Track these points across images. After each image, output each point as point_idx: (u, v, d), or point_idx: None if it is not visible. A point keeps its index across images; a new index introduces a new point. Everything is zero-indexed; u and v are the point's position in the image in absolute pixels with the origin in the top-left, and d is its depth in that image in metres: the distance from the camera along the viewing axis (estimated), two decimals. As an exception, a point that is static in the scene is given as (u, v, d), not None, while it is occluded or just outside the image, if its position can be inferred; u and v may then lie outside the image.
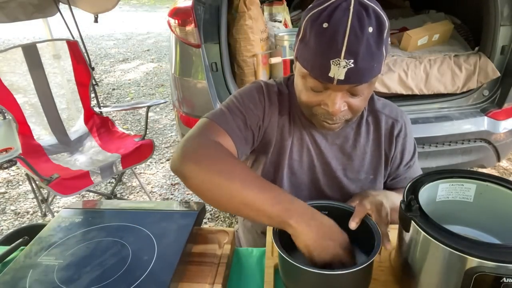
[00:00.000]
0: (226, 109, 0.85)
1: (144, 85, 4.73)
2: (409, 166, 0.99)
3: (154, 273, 0.69)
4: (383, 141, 0.94)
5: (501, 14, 1.95)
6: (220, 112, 0.85)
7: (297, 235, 0.65)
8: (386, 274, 0.75)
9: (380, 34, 0.68)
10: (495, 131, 2.03)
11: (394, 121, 0.94)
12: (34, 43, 2.27)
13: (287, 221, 0.65)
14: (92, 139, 2.39)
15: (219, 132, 0.80)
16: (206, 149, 0.75)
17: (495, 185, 0.70)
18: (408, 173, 1.00)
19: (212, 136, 0.79)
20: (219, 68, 1.99)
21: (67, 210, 0.91)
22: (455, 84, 2.10)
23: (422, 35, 2.29)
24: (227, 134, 0.81)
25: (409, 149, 0.97)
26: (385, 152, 0.95)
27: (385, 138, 0.94)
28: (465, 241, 0.56)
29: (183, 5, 1.99)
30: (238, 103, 0.86)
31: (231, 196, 0.69)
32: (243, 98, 0.87)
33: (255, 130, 0.87)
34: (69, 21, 2.36)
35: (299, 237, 0.65)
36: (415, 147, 1.00)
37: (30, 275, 0.70)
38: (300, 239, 0.65)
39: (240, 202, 0.69)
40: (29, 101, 2.28)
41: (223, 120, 0.83)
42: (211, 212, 2.39)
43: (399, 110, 0.97)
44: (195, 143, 0.77)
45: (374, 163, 0.95)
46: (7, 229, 2.28)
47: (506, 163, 2.78)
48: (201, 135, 0.79)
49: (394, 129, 0.94)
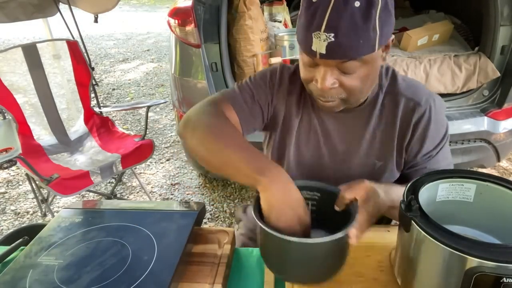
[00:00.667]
0: (237, 87, 0.92)
1: (144, 85, 4.73)
2: (429, 156, 0.89)
3: (154, 273, 0.69)
4: (398, 125, 0.87)
5: (501, 14, 1.95)
6: (231, 89, 0.92)
7: (265, 191, 0.67)
8: (386, 274, 0.75)
9: (368, 9, 0.66)
10: (495, 131, 2.03)
11: (415, 104, 0.85)
12: (34, 43, 2.27)
13: (259, 178, 0.67)
14: (92, 139, 2.39)
15: (225, 104, 0.87)
16: (206, 116, 0.83)
17: (495, 185, 0.70)
18: (429, 164, 0.89)
19: (217, 106, 0.85)
20: (219, 68, 1.99)
21: (67, 210, 0.91)
22: (455, 84, 2.10)
23: (422, 35, 2.29)
24: (231, 107, 0.87)
25: (433, 137, 0.87)
26: (399, 138, 0.88)
27: (401, 123, 0.87)
28: (465, 241, 0.56)
29: (183, 5, 1.99)
30: (249, 81, 0.92)
31: (215, 155, 0.75)
32: (256, 77, 0.93)
33: (263, 106, 0.90)
34: (69, 21, 2.36)
35: (265, 193, 0.67)
36: (444, 136, 0.89)
37: (30, 275, 0.70)
38: (266, 195, 0.67)
39: (222, 160, 0.74)
40: (29, 101, 2.28)
41: (231, 94, 0.89)
42: (211, 212, 2.39)
43: (428, 93, 0.87)
44: (200, 111, 0.84)
45: (384, 149, 0.89)
46: (7, 229, 2.28)
47: (506, 163, 2.78)
48: (207, 105, 0.86)
49: (414, 114, 0.85)
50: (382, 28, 0.69)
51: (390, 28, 0.72)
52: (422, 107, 0.85)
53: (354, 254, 0.79)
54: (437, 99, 0.89)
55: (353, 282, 0.73)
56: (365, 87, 0.78)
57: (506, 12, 1.95)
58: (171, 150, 3.14)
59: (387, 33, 0.71)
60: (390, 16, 0.71)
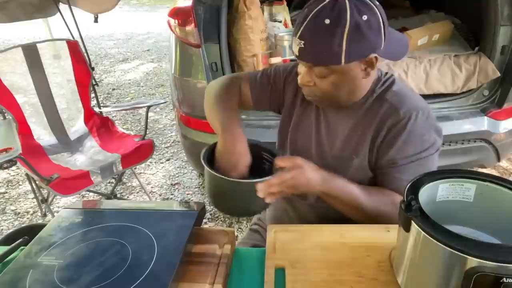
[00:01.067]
0: (261, 71, 1.12)
1: (144, 85, 4.73)
2: (394, 163, 0.91)
3: (154, 273, 0.69)
4: (374, 125, 0.92)
5: (501, 14, 1.95)
6: (256, 71, 1.15)
7: (219, 139, 0.89)
8: (386, 274, 0.75)
9: (334, 27, 0.78)
10: (495, 131, 2.03)
11: (395, 110, 0.90)
12: (34, 43, 2.27)
13: (220, 130, 0.90)
14: (92, 139, 2.39)
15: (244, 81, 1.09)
16: (219, 86, 1.06)
17: (495, 185, 0.70)
18: (392, 171, 0.92)
19: (233, 80, 1.09)
20: (219, 68, 1.99)
21: (67, 210, 0.91)
22: (455, 84, 2.10)
23: (422, 35, 2.29)
24: (248, 84, 1.08)
25: (403, 146, 0.90)
26: (373, 137, 0.93)
27: (378, 123, 0.92)
28: (465, 241, 0.56)
29: (183, 5, 1.99)
30: (273, 69, 1.10)
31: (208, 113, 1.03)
32: (280, 67, 1.11)
33: (275, 91, 1.08)
34: (69, 21, 2.36)
35: (219, 142, 0.89)
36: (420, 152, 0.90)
37: (30, 275, 0.70)
38: (220, 143, 0.89)
39: (209, 116, 1.01)
40: (29, 101, 2.28)
41: (252, 74, 1.11)
42: (211, 212, 2.39)
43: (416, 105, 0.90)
44: (218, 81, 1.10)
45: (358, 144, 0.95)
46: (7, 229, 2.28)
47: (506, 163, 2.78)
48: (227, 78, 1.11)
49: (391, 118, 0.90)
50: (349, 45, 0.79)
51: (361, 48, 0.81)
52: (401, 114, 0.89)
53: (354, 254, 0.79)
54: (424, 114, 0.90)
55: (353, 282, 0.73)
56: (340, 94, 0.89)
57: (506, 12, 1.95)
58: (171, 150, 3.14)
59: (357, 51, 0.81)
60: (362, 37, 0.80)
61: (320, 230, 0.88)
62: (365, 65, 0.86)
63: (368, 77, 0.90)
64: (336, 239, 0.84)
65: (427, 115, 0.91)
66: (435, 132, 0.93)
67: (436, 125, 0.94)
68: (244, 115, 2.05)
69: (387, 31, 0.85)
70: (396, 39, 0.90)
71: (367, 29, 0.79)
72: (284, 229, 0.89)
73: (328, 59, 0.82)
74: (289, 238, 0.85)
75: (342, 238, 0.84)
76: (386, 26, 0.84)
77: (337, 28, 0.78)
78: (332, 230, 0.87)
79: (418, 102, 0.93)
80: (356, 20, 0.78)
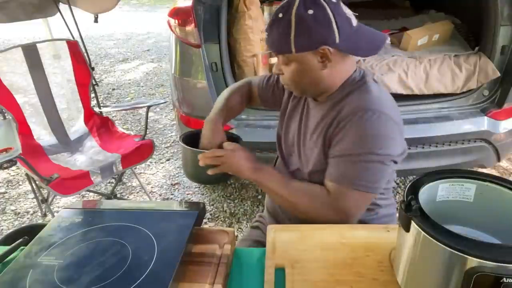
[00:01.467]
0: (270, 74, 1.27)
1: (144, 85, 4.73)
2: (330, 156, 0.95)
3: (154, 273, 0.69)
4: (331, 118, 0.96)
5: (501, 14, 1.95)
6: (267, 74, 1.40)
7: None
8: (386, 274, 0.75)
9: (283, 21, 0.89)
10: (495, 131, 2.03)
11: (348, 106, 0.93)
12: (34, 43, 2.27)
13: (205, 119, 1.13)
14: (92, 139, 2.39)
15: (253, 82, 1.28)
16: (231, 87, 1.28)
17: (495, 185, 0.70)
18: (328, 164, 0.96)
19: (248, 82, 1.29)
20: (219, 68, 1.99)
21: (67, 210, 0.91)
22: (455, 84, 2.10)
23: (422, 35, 2.29)
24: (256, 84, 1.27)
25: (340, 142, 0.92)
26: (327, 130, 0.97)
27: (332, 117, 0.95)
28: (465, 241, 0.56)
29: (183, 5, 1.99)
30: None
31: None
32: None
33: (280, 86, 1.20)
34: (69, 21, 2.36)
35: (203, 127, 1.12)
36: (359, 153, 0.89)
37: (30, 275, 0.70)
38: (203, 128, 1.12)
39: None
40: (29, 101, 2.28)
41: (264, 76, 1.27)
42: (211, 212, 2.39)
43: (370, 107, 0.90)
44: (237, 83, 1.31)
45: (318, 136, 0.99)
46: (7, 229, 2.28)
47: (506, 163, 2.78)
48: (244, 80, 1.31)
49: (342, 113, 0.93)
50: (296, 37, 0.89)
51: (308, 40, 0.89)
52: (350, 110, 0.92)
53: (354, 254, 0.80)
54: (375, 116, 0.88)
55: (353, 282, 0.73)
56: (303, 82, 0.97)
57: (506, 12, 1.95)
58: (171, 150, 3.14)
59: (304, 43, 0.89)
60: (308, 30, 0.88)
61: (320, 230, 0.88)
62: (320, 56, 0.91)
63: (330, 70, 0.93)
64: (336, 239, 0.84)
65: (380, 120, 0.89)
66: (386, 140, 0.90)
67: (391, 135, 0.90)
68: (244, 115, 2.05)
69: (343, 26, 0.88)
70: (369, 37, 0.94)
71: (313, 22, 0.87)
72: (284, 229, 0.89)
73: (281, 48, 0.93)
74: (289, 238, 0.85)
75: (342, 238, 0.84)
76: (342, 21, 0.88)
77: (285, 21, 0.89)
78: (332, 230, 0.88)
79: (375, 104, 0.91)
80: (301, 14, 0.87)
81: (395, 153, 0.92)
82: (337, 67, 0.94)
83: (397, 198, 2.46)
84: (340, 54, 0.92)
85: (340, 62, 0.94)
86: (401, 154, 0.95)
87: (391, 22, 2.92)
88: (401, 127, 0.94)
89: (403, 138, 0.96)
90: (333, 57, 0.91)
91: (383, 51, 2.31)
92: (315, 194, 0.94)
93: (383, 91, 0.99)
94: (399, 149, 0.93)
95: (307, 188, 0.98)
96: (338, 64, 0.94)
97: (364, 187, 0.90)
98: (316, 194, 0.94)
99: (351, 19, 0.91)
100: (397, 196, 2.48)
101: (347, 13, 0.90)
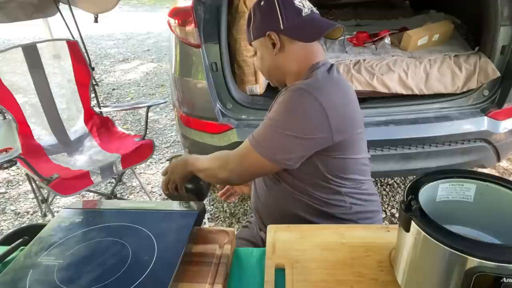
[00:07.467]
0: None
1: (144, 85, 4.73)
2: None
3: (154, 273, 0.69)
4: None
5: (501, 14, 1.95)
6: None
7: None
8: (386, 274, 0.75)
9: (248, 16, 1.07)
10: (495, 131, 2.03)
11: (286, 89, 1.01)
12: (34, 43, 2.27)
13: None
14: (92, 139, 2.39)
15: None
16: None
17: (495, 185, 0.70)
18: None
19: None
20: (219, 68, 1.99)
21: (67, 210, 0.91)
22: (455, 84, 2.10)
23: (422, 35, 2.29)
24: None
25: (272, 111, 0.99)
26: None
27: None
28: (465, 241, 0.56)
29: (183, 5, 1.99)
30: None
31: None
32: None
33: None
34: (69, 21, 2.36)
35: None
36: (272, 118, 0.96)
37: (30, 275, 0.70)
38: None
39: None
40: (29, 101, 2.28)
41: None
42: (211, 212, 2.39)
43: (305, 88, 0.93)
44: None
45: None
46: (7, 229, 2.29)
47: (506, 163, 2.78)
48: None
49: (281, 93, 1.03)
50: (252, 27, 1.06)
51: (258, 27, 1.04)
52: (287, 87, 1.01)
53: (354, 254, 0.80)
54: (298, 92, 0.94)
55: (353, 282, 0.73)
56: (264, 68, 1.09)
57: (506, 12, 1.95)
58: (171, 150, 3.14)
59: (255, 32, 1.05)
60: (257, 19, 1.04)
61: (320, 230, 0.88)
62: (269, 40, 1.02)
63: (284, 55, 1.03)
64: (336, 239, 0.84)
65: (302, 98, 0.93)
66: (298, 115, 0.93)
67: (308, 114, 0.92)
68: (244, 115, 2.05)
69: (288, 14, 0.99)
70: (316, 25, 1.02)
71: (262, 12, 1.02)
72: (284, 229, 0.89)
73: (248, 39, 1.10)
74: (289, 238, 0.85)
75: (342, 238, 0.84)
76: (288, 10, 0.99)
77: (248, 15, 1.07)
78: (332, 230, 0.88)
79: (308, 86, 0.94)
80: (255, 6, 1.04)
81: (307, 133, 0.92)
82: (289, 52, 1.03)
83: (397, 198, 2.46)
84: (289, 39, 1.01)
85: (291, 47, 1.02)
86: (322, 138, 0.93)
87: (391, 22, 2.92)
88: (332, 113, 0.92)
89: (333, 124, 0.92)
90: (283, 42, 1.02)
91: (383, 51, 2.32)
92: (223, 152, 1.07)
93: (332, 81, 0.99)
94: (317, 132, 0.93)
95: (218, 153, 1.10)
96: (290, 49, 1.03)
97: (263, 150, 0.95)
98: (224, 153, 1.06)
99: (301, 10, 1.00)
100: (397, 196, 2.48)
101: (296, 4, 1.00)
